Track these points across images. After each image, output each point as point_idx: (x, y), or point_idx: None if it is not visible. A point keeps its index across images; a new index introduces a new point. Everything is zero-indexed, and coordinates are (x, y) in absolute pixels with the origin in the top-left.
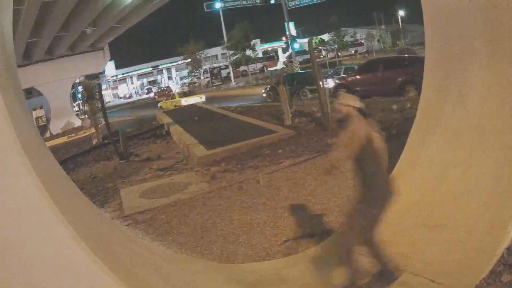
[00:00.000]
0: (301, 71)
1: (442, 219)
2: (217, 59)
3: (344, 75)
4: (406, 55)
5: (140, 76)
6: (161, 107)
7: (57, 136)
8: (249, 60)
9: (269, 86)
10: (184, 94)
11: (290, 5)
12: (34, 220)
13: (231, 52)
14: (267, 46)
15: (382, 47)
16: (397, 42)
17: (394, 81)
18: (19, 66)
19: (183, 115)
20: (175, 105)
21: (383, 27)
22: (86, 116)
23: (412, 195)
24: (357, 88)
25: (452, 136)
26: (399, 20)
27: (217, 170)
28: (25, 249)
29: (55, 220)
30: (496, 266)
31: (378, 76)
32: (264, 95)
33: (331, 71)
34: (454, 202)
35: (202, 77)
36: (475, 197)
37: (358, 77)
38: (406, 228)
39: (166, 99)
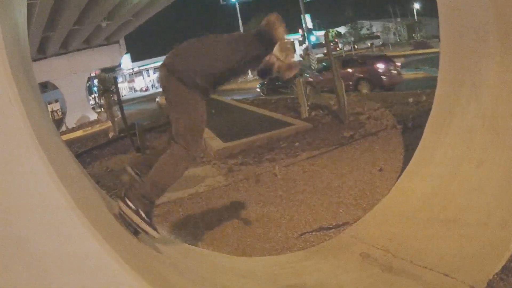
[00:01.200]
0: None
1: (455, 214)
2: None
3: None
4: (362, 54)
5: (156, 69)
6: (158, 102)
7: (73, 129)
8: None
9: (262, 81)
10: None
11: None
12: (51, 217)
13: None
14: None
15: (398, 40)
16: (413, 35)
17: (351, 78)
18: (34, 60)
19: None
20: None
21: (398, 19)
22: (102, 109)
23: (426, 190)
24: (321, 85)
25: (466, 130)
26: (415, 13)
27: (234, 163)
28: (42, 247)
29: (72, 216)
30: (509, 262)
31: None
32: (258, 89)
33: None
34: (467, 197)
35: None
36: (488, 192)
37: (320, 75)
38: (420, 222)
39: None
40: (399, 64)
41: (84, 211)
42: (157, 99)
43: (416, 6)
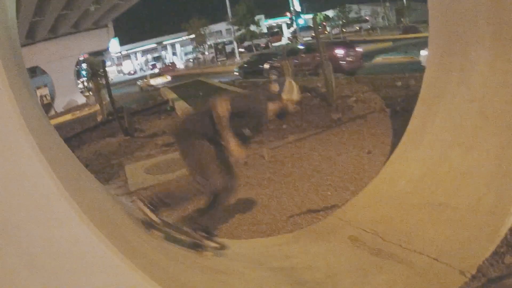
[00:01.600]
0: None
1: (444, 198)
2: (221, 34)
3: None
4: (325, 41)
5: (144, 52)
6: (140, 87)
7: (62, 114)
8: (253, 36)
9: (239, 65)
10: (153, 75)
11: None
12: (40, 201)
13: (236, 27)
14: (272, 22)
15: (387, 24)
16: (402, 19)
17: (311, 64)
18: (23, 46)
19: (188, 91)
20: (148, 85)
21: (387, 4)
22: (91, 93)
23: (414, 174)
24: (299, 69)
25: (455, 115)
26: None
27: None
28: (32, 232)
29: (62, 201)
30: (499, 247)
31: (300, 59)
32: (236, 73)
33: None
34: (456, 182)
35: (206, 53)
36: (477, 177)
37: (285, 60)
38: (409, 206)
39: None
40: (360, 50)
41: (73, 195)
42: (138, 82)
43: None
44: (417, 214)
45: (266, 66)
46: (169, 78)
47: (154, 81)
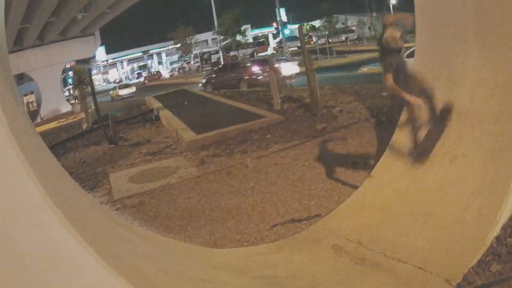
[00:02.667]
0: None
1: (429, 208)
2: (207, 44)
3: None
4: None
5: (130, 61)
6: (111, 96)
7: (48, 121)
8: (239, 46)
9: (206, 77)
10: (121, 86)
11: None
12: (22, 205)
13: (222, 37)
14: (258, 32)
15: (374, 34)
16: None
17: (235, 79)
18: (10, 52)
19: (173, 100)
20: (117, 95)
21: (374, 14)
22: (76, 101)
23: (399, 183)
24: (215, 83)
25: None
26: (391, 8)
27: (206, 155)
28: (13, 235)
29: (43, 205)
30: (484, 256)
31: (226, 75)
32: (201, 85)
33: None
34: (442, 191)
35: (192, 62)
36: (463, 186)
37: (215, 75)
38: (394, 215)
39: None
40: (278, 65)
41: (56, 200)
42: (110, 93)
43: (392, 1)
44: (401, 223)
45: (203, 80)
46: (134, 89)
47: (122, 92)
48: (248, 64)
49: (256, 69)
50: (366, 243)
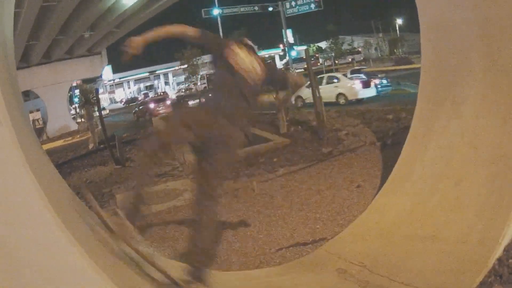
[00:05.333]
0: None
1: (434, 231)
2: None
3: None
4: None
5: (137, 81)
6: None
7: (54, 139)
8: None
9: (138, 107)
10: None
11: (288, 13)
12: (32, 224)
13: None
14: (265, 53)
15: (380, 55)
16: (394, 50)
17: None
18: (17, 69)
19: None
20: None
21: (380, 35)
22: (83, 119)
23: (404, 206)
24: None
25: (446, 148)
26: (397, 29)
27: None
28: (22, 254)
29: (53, 224)
30: (487, 277)
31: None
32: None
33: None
34: (446, 214)
35: (198, 83)
36: (467, 209)
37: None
38: (398, 238)
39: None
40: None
41: (64, 220)
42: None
43: (399, 21)
44: (405, 247)
45: (136, 109)
46: (107, 110)
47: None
48: (146, 102)
49: (151, 105)
50: (370, 267)
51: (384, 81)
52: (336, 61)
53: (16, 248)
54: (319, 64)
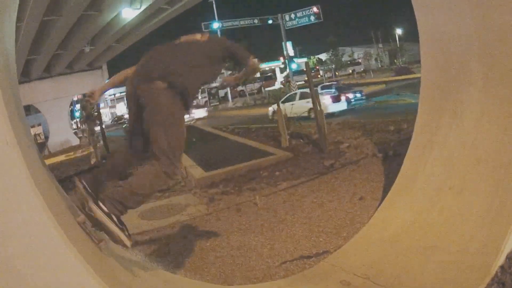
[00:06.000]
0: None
1: (435, 241)
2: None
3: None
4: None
5: None
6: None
7: (55, 154)
8: (247, 80)
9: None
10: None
11: (287, 25)
12: (33, 233)
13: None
14: (265, 66)
15: (380, 66)
16: (395, 60)
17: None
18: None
19: None
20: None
21: (380, 45)
22: (84, 134)
23: (406, 218)
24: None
25: (447, 157)
26: (397, 39)
27: (215, 192)
28: (27, 273)
29: (55, 235)
30: (489, 285)
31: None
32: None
33: None
34: (447, 225)
35: (199, 97)
36: (468, 218)
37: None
38: (400, 249)
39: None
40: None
41: (71, 238)
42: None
43: (398, 31)
44: (407, 258)
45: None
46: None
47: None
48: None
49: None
50: (373, 278)
51: (358, 95)
52: (337, 73)
53: (20, 265)
54: (319, 76)
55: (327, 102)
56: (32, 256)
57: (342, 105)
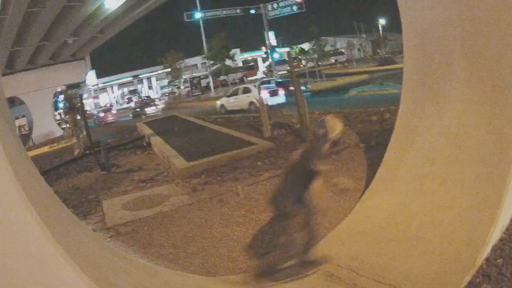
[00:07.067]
0: None
1: (419, 232)
2: (197, 68)
3: None
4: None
5: (121, 85)
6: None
7: (39, 145)
8: (229, 70)
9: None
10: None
11: (270, 15)
12: (16, 231)
13: (211, 62)
14: (247, 56)
15: (363, 56)
16: (378, 50)
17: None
18: (2, 75)
19: (164, 126)
20: None
21: (363, 35)
22: (68, 125)
23: (389, 208)
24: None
25: (430, 149)
26: (380, 29)
27: (197, 183)
28: (7, 263)
29: (39, 232)
30: (475, 277)
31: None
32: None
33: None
34: (431, 215)
35: (182, 87)
36: (452, 209)
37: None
38: (384, 240)
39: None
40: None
41: (50, 228)
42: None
43: (381, 21)
44: (391, 248)
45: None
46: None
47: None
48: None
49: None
50: (357, 269)
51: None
52: (319, 63)
53: (5, 262)
54: (301, 66)
55: (264, 96)
56: (16, 253)
57: (280, 99)
